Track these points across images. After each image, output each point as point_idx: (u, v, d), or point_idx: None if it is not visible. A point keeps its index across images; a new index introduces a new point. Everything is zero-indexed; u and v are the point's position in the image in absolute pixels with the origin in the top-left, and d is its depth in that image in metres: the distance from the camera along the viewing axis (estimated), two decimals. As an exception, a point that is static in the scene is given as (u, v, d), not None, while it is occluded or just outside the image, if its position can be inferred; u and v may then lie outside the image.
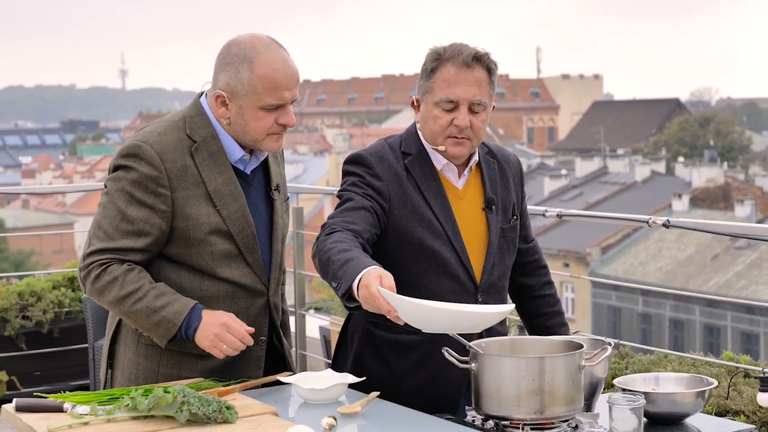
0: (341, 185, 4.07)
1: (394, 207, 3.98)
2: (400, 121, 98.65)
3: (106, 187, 3.85)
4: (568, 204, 52.09)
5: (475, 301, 4.04)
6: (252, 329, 3.78)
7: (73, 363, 8.44)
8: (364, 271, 3.43)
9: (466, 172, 4.11)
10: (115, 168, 3.84)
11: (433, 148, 4.05)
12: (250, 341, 3.77)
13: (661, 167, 63.77)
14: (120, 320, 3.99)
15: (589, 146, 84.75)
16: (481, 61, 3.98)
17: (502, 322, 4.16)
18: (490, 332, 4.02)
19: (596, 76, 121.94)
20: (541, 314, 4.38)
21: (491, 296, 4.10)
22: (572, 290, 46.27)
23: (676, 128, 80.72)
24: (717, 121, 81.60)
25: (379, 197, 3.95)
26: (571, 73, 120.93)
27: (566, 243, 47.48)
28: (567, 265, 46.31)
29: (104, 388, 4.06)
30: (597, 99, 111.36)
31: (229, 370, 3.85)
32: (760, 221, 46.09)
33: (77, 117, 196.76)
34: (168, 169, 3.78)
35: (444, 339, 3.65)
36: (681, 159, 67.59)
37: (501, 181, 4.19)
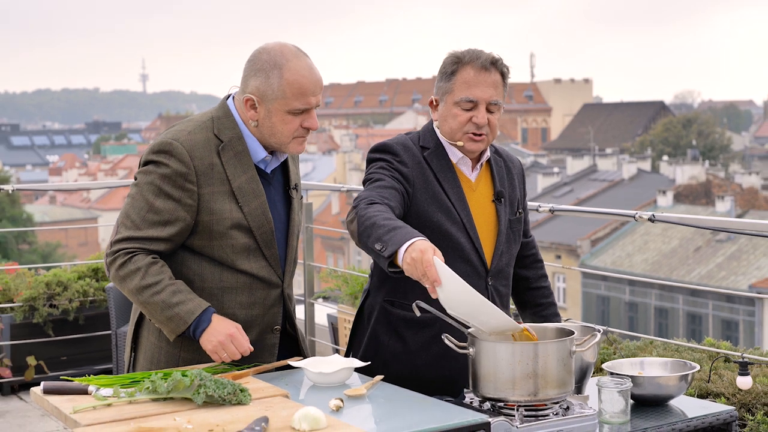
0: (368, 171, 4.08)
1: (417, 192, 4.02)
2: (403, 123, 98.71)
3: (136, 179, 3.85)
4: (560, 200, 52.08)
5: (486, 285, 4.08)
6: (251, 348, 3.80)
7: (97, 348, 8.45)
8: (417, 239, 3.44)
9: (478, 166, 4.16)
10: (147, 162, 3.84)
11: (450, 143, 4.10)
12: (248, 353, 3.79)
13: (646, 165, 63.72)
14: (138, 326, 4.01)
15: (579, 146, 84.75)
16: (496, 65, 4.06)
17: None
18: None
19: (586, 80, 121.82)
20: (536, 304, 4.40)
21: (499, 281, 4.15)
22: (563, 280, 46.29)
23: (660, 129, 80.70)
24: (699, 122, 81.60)
25: (405, 181, 4.00)
26: (562, 78, 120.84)
27: (558, 236, 47.49)
28: (559, 257, 46.32)
29: (128, 371, 4.06)
30: (587, 101, 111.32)
31: (245, 357, 3.85)
32: (739, 216, 46.04)
33: (101, 118, 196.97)
34: (196, 166, 3.78)
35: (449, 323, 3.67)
36: (665, 158, 67.55)
37: (507, 177, 4.25)
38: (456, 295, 3.39)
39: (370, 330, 4.17)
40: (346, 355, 4.23)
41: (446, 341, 3.61)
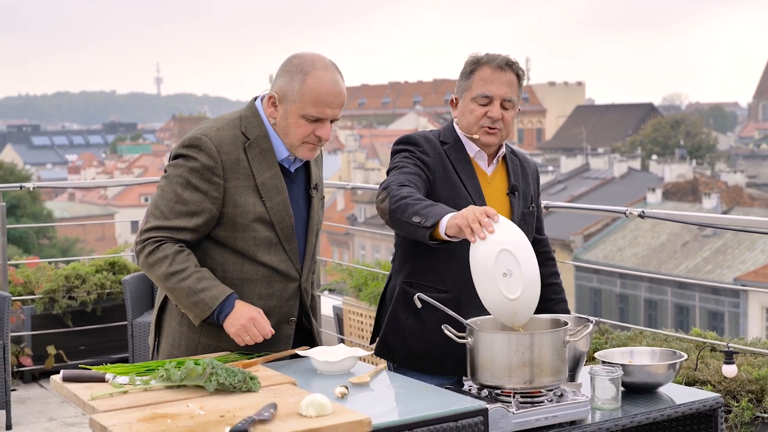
0: (392, 161, 4.16)
1: (437, 180, 4.10)
2: (405, 124, 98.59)
3: (166, 171, 3.87)
4: (555, 197, 52.06)
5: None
6: (272, 331, 3.81)
7: (114, 338, 8.46)
8: (459, 212, 3.56)
9: (494, 161, 4.24)
10: (177, 156, 3.85)
11: (467, 137, 4.19)
12: (270, 336, 3.80)
13: (636, 164, 63.70)
14: (160, 315, 4.03)
15: (572, 146, 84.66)
16: (512, 66, 4.16)
17: None
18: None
19: (579, 83, 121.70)
20: (548, 300, 4.39)
21: None
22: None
23: (650, 129, 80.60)
24: (686, 123, 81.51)
25: (427, 169, 4.08)
26: (556, 81, 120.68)
27: (552, 231, 47.23)
28: (553, 251, 46.25)
29: (152, 356, 4.11)
30: (580, 103, 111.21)
31: (262, 345, 3.85)
32: (724, 212, 46.03)
33: (117, 119, 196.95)
34: (223, 160, 3.79)
35: (467, 297, 3.77)
36: (654, 157, 67.48)
37: (522, 175, 4.32)
38: (508, 236, 3.46)
39: (390, 309, 4.24)
40: (373, 333, 4.35)
41: (446, 331, 3.62)
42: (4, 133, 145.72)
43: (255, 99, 3.97)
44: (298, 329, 4.06)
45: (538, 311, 4.40)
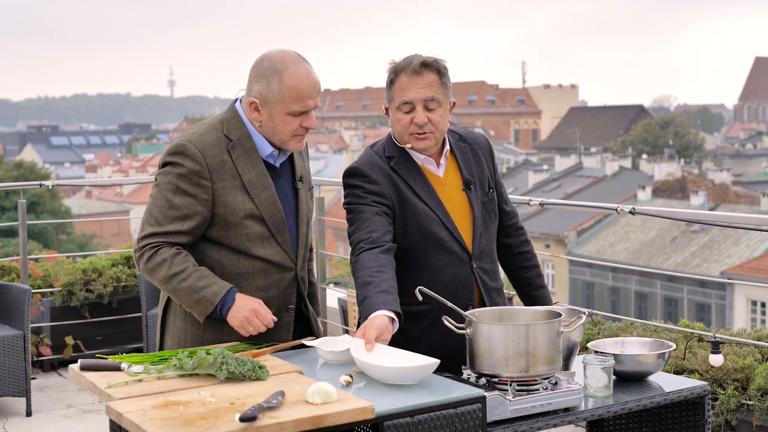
0: (345, 197, 4.05)
1: (395, 206, 3.99)
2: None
3: (156, 180, 3.86)
4: (549, 194, 52.07)
5: (471, 268, 4.07)
6: (275, 319, 3.80)
7: (129, 329, 8.46)
8: (376, 314, 3.58)
9: (442, 161, 4.11)
10: (164, 164, 3.85)
11: (402, 146, 4.06)
12: (272, 325, 3.79)
13: (627, 163, 63.67)
14: (165, 314, 4.02)
15: (566, 145, 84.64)
16: (429, 66, 3.98)
17: (501, 294, 4.19)
18: (499, 292, 4.18)
19: (573, 86, 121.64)
20: (520, 267, 4.35)
21: (483, 261, 4.12)
22: (552, 267, 46.24)
23: (640, 130, 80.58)
24: (675, 124, 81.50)
25: (382, 199, 3.96)
26: (551, 83, 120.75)
27: (547, 227, 47.46)
28: (548, 246, 46.31)
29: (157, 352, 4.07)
30: (573, 105, 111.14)
31: (263, 334, 3.85)
32: (711, 209, 46.01)
33: (132, 120, 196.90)
34: (209, 164, 3.79)
35: (446, 308, 3.69)
36: (644, 156, 67.44)
37: (474, 161, 4.18)
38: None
39: None
40: None
41: (446, 323, 3.62)
42: (24, 134, 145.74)
43: (234, 101, 3.97)
44: (297, 316, 4.06)
45: (512, 281, 4.40)
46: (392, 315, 3.59)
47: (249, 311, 3.74)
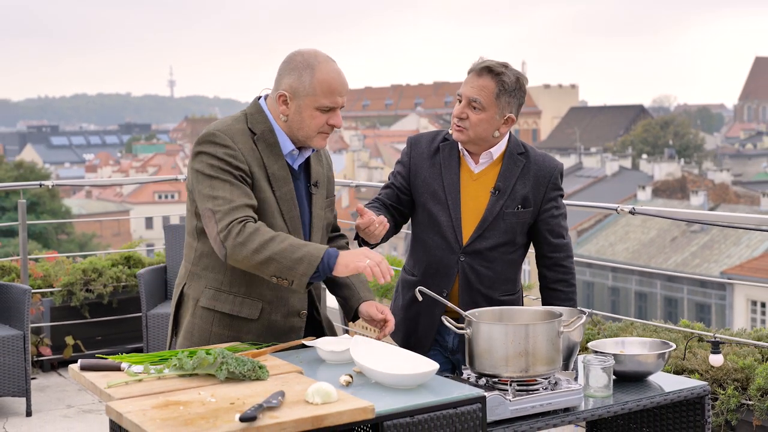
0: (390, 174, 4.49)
1: (418, 180, 4.32)
2: (406, 124, 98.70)
3: (196, 170, 3.79)
4: (549, 194, 51.95)
5: (457, 259, 4.23)
6: (392, 274, 3.65)
7: (129, 329, 8.46)
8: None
9: (482, 159, 4.27)
10: (199, 153, 3.79)
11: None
12: (389, 279, 3.62)
13: (627, 163, 63.70)
14: (182, 291, 3.96)
15: (566, 145, 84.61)
16: (490, 72, 4.14)
17: (489, 303, 4.23)
18: (491, 302, 4.25)
19: (573, 86, 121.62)
20: (549, 304, 4.36)
21: (476, 261, 4.23)
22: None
23: (640, 130, 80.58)
24: (675, 124, 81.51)
25: (400, 176, 4.38)
26: (551, 83, 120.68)
27: (547, 227, 47.32)
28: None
29: (168, 348, 4.07)
30: (573, 105, 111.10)
31: (271, 336, 3.84)
32: (711, 209, 46.02)
33: (132, 120, 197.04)
34: (241, 149, 3.77)
35: (427, 279, 4.18)
36: (644, 156, 67.47)
37: (521, 176, 4.27)
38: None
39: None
40: None
41: (445, 323, 3.63)
42: (24, 134, 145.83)
43: (258, 98, 3.96)
44: (308, 322, 4.04)
45: None
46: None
47: (363, 255, 3.64)
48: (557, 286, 4.36)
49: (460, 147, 4.27)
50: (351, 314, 4.09)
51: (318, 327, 4.09)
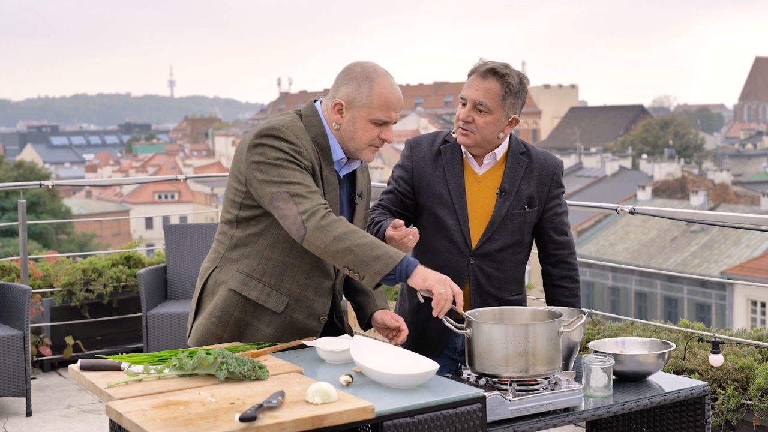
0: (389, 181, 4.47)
1: (423, 183, 4.28)
2: (407, 124, 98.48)
3: (256, 162, 3.73)
4: (549, 194, 51.93)
5: (467, 263, 4.22)
6: (460, 293, 3.64)
7: (129, 329, 8.46)
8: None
9: (486, 161, 4.26)
10: (259, 145, 3.74)
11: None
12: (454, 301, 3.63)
13: (627, 163, 63.70)
14: (209, 275, 3.94)
15: (566, 145, 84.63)
16: (495, 74, 4.12)
17: (499, 304, 4.23)
18: (501, 302, 4.27)
19: (573, 86, 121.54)
20: (555, 300, 4.39)
21: (486, 263, 4.24)
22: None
23: (640, 130, 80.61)
24: (675, 124, 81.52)
25: (408, 179, 4.32)
26: (551, 83, 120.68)
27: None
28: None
29: (189, 332, 4.03)
30: (573, 105, 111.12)
31: (288, 333, 3.83)
32: (711, 209, 46.02)
33: (132, 120, 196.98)
34: (303, 145, 3.76)
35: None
36: (644, 156, 67.46)
37: (525, 176, 4.28)
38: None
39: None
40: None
41: (445, 322, 3.63)
42: (24, 134, 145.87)
43: (314, 101, 3.93)
44: (332, 330, 4.03)
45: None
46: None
47: (444, 278, 3.62)
48: (562, 283, 4.38)
49: (462, 149, 4.26)
50: (365, 321, 4.09)
51: (339, 335, 4.08)
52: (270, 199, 3.69)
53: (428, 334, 4.29)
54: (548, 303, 4.43)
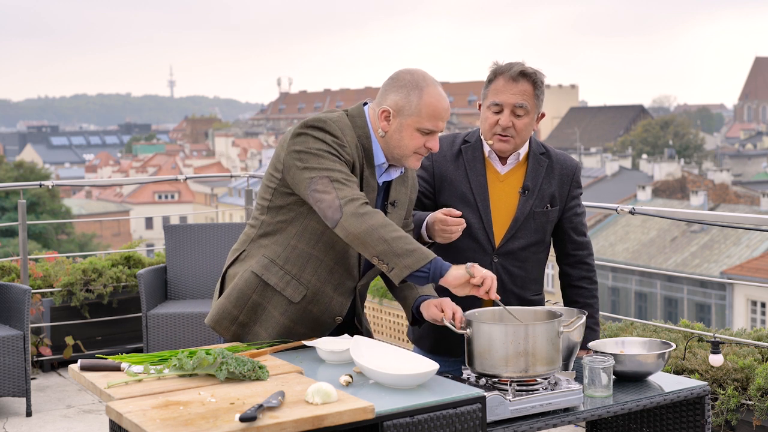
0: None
1: (444, 182, 4.26)
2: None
3: (297, 151, 3.72)
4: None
5: (491, 261, 4.22)
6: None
7: (129, 329, 8.46)
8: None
9: (510, 160, 4.27)
10: (302, 134, 3.74)
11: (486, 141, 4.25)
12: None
13: (627, 163, 63.72)
14: (237, 257, 3.94)
15: (566, 145, 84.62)
16: (527, 76, 4.13)
17: (520, 303, 4.24)
18: (522, 301, 4.28)
19: (573, 86, 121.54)
20: (573, 301, 4.40)
21: (509, 261, 4.25)
22: (552, 267, 46.07)
23: (640, 130, 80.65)
24: (675, 124, 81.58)
25: (430, 178, 4.29)
26: (551, 83, 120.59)
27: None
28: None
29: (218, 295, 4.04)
30: (573, 105, 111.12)
31: (301, 326, 3.83)
32: (711, 209, 46.02)
33: (132, 120, 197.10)
34: (347, 141, 3.75)
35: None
36: (644, 156, 67.49)
37: (546, 176, 4.30)
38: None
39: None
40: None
41: (446, 323, 3.63)
42: (24, 134, 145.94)
43: (363, 104, 3.91)
44: (350, 330, 4.02)
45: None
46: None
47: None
48: (581, 284, 4.40)
49: (485, 149, 4.26)
50: (410, 311, 4.03)
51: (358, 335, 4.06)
52: (308, 183, 3.67)
53: (449, 336, 4.23)
54: (566, 304, 4.42)
